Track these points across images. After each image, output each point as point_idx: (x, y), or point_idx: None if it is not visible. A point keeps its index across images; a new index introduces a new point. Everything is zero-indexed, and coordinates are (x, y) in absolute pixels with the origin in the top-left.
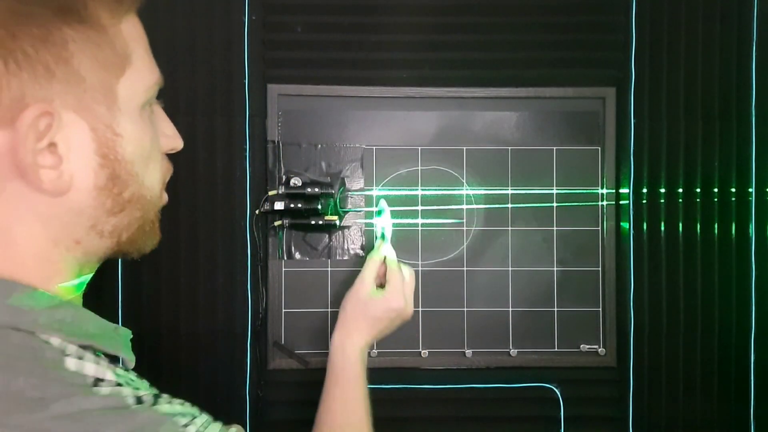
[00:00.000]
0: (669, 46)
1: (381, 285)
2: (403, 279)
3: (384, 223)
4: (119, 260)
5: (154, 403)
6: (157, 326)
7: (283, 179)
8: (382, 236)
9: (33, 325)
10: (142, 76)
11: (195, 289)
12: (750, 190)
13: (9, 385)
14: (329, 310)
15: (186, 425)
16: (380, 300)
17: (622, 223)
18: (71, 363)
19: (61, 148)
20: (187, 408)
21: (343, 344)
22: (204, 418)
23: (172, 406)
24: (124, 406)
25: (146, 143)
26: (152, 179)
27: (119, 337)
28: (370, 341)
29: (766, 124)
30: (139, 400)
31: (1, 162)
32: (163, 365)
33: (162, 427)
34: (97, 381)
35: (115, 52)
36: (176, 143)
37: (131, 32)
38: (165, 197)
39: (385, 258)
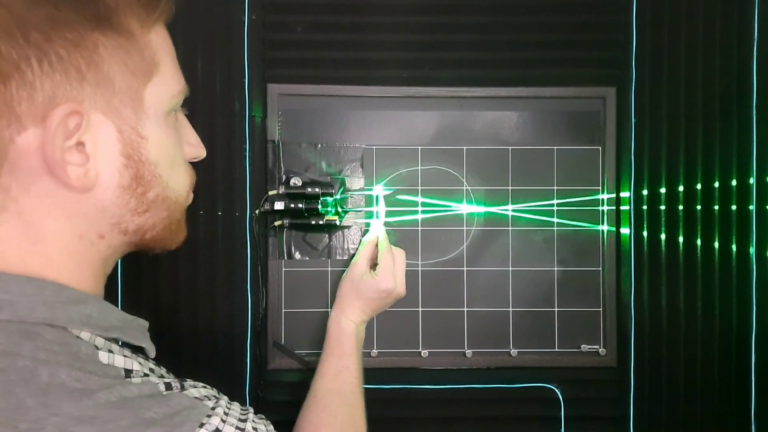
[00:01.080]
0: (669, 46)
1: (375, 265)
2: (393, 260)
3: (378, 208)
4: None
5: (182, 388)
6: (156, 326)
7: (283, 179)
8: (376, 216)
9: (65, 321)
10: (168, 83)
11: (194, 289)
12: (751, 187)
13: (53, 377)
14: (329, 310)
15: (214, 408)
16: (371, 281)
17: (622, 226)
18: (103, 356)
19: (89, 147)
20: (209, 390)
21: (338, 319)
22: (224, 398)
23: (198, 390)
24: (158, 392)
25: (170, 147)
26: (177, 182)
27: (140, 328)
28: (366, 319)
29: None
30: (168, 386)
31: (32, 158)
32: (161, 366)
33: (194, 411)
34: (127, 372)
35: (144, 59)
36: (199, 152)
37: (159, 42)
38: (191, 196)
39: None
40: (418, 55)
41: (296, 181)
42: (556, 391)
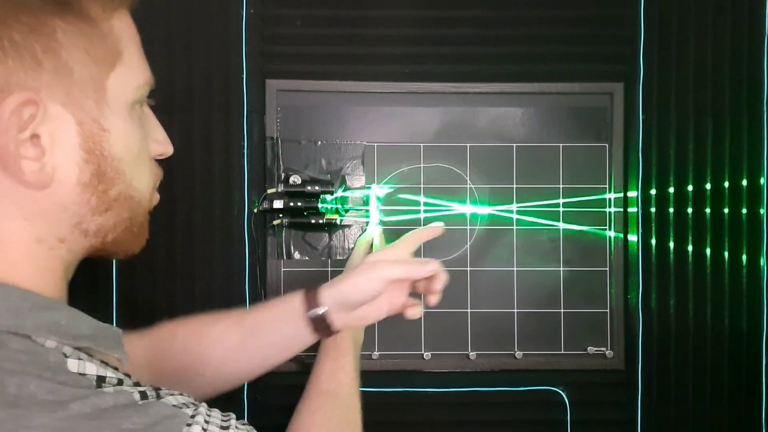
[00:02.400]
0: (678, 40)
1: None
2: None
3: (371, 207)
4: (113, 261)
5: (158, 396)
6: (152, 328)
7: (282, 177)
8: (368, 215)
9: (31, 329)
10: (132, 73)
11: (191, 290)
12: (762, 188)
13: (22, 388)
14: None
15: (193, 416)
16: None
17: (630, 229)
18: (73, 364)
19: (45, 140)
20: (186, 398)
21: None
22: (203, 405)
23: (175, 398)
24: (133, 401)
25: (134, 142)
26: (141, 181)
27: (113, 336)
28: None
29: None
30: (143, 395)
31: None
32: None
33: (175, 420)
34: (100, 379)
35: (106, 46)
36: (166, 149)
37: (123, 29)
38: (156, 197)
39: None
40: (420, 50)
41: (295, 179)
42: (562, 394)
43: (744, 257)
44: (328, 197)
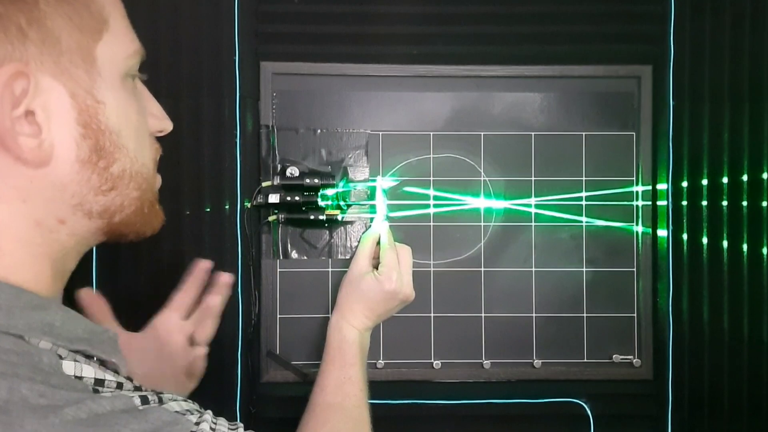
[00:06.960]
0: (712, 19)
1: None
2: (398, 258)
3: (377, 202)
4: (93, 258)
5: (161, 401)
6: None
7: (278, 169)
8: (372, 210)
9: (23, 329)
10: (121, 42)
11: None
12: None
13: (12, 392)
14: (330, 315)
15: (198, 422)
16: (373, 282)
17: (659, 225)
18: (68, 367)
19: (40, 116)
20: (191, 404)
21: (339, 325)
22: (209, 413)
23: (178, 404)
24: (133, 406)
25: (132, 114)
26: (145, 156)
27: (110, 340)
28: (370, 325)
29: None
30: (145, 400)
31: None
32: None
33: (177, 428)
34: (99, 382)
35: (91, 14)
36: (165, 124)
37: None
38: (159, 179)
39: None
40: (429, 30)
41: (293, 171)
42: (585, 406)
43: None
44: (329, 191)
